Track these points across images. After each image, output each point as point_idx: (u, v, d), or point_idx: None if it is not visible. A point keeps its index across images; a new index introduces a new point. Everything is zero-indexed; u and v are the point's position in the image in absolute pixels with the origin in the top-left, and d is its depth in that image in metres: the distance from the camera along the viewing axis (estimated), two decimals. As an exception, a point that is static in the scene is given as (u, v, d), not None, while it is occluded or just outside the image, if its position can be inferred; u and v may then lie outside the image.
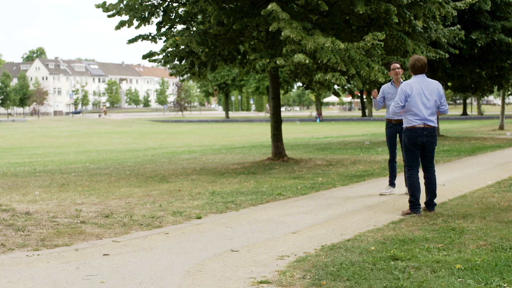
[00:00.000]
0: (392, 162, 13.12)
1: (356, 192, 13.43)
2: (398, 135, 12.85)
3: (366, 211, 10.93)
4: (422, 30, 19.98)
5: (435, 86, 10.62)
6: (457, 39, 27.21)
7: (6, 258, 7.73)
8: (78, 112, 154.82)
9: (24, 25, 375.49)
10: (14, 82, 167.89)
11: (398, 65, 12.75)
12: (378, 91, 14.30)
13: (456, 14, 19.94)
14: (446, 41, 23.33)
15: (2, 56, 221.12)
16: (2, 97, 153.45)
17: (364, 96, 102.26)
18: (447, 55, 21.28)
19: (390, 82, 12.96)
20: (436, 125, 10.80)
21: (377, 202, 11.99)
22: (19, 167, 21.96)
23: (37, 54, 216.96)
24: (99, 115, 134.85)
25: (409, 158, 10.76)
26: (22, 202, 12.28)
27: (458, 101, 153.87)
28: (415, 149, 10.60)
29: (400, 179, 13.26)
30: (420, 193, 10.61)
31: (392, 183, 13.11)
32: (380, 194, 12.88)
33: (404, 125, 10.64)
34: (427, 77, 10.72)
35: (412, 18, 18.65)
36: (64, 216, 10.57)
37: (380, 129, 48.11)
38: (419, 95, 10.44)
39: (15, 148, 39.60)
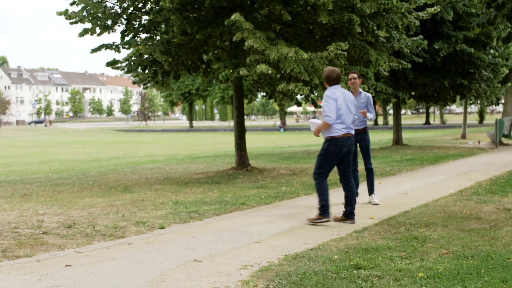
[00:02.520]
0: (354, 171, 13.15)
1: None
2: (358, 144, 12.94)
3: (329, 220, 10.96)
4: (385, 40, 20.14)
5: (351, 96, 11.11)
6: (420, 49, 27.43)
7: (-34, 269, 7.64)
8: (41, 122, 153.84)
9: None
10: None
11: (355, 75, 12.83)
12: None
13: (418, 24, 20.14)
14: (409, 50, 23.50)
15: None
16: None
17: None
18: (409, 65, 21.45)
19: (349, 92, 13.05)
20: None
21: (341, 211, 11.97)
22: (-19, 177, 21.76)
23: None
24: (45, 125, 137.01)
25: (325, 166, 10.86)
26: (-17, 212, 12.16)
27: (421, 111, 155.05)
28: (337, 158, 10.81)
29: (363, 188, 13.32)
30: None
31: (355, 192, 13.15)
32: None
33: (329, 135, 10.67)
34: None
35: (375, 28, 18.78)
36: (26, 226, 10.47)
37: (343, 138, 48.23)
38: (344, 104, 10.73)
39: (-24, 158, 39.22)
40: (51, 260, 8.12)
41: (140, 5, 19.63)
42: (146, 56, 18.94)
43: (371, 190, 13.00)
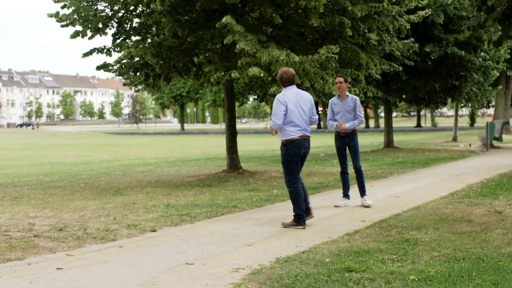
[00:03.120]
0: (344, 174, 13.19)
1: (311, 204, 13.43)
2: (347, 147, 13.00)
3: (321, 223, 10.97)
4: (376, 43, 20.16)
5: (308, 97, 10.92)
6: (411, 51, 27.49)
7: (-43, 272, 7.62)
8: (29, 124, 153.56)
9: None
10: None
11: (341, 79, 12.90)
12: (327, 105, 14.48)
13: (409, 27, 20.18)
14: (400, 53, 23.55)
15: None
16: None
17: (320, 109, 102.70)
18: (400, 68, 21.50)
19: (336, 96, 13.11)
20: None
21: (332, 214, 12.03)
22: (-29, 180, 21.70)
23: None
24: (32, 128, 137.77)
25: (293, 171, 10.69)
26: (-26, 215, 12.13)
27: (412, 113, 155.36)
28: (298, 160, 10.70)
29: (355, 190, 13.34)
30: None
31: (346, 195, 13.18)
32: (335, 206, 12.94)
33: (284, 138, 10.62)
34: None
35: (366, 31, 18.82)
36: (17, 229, 10.45)
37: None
38: (296, 106, 10.64)
39: (-33, 161, 39.13)
40: (43, 263, 8.10)
41: (131, 8, 19.62)
42: (137, 58, 18.94)
43: (362, 192, 13.02)
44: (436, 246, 8.52)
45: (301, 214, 10.58)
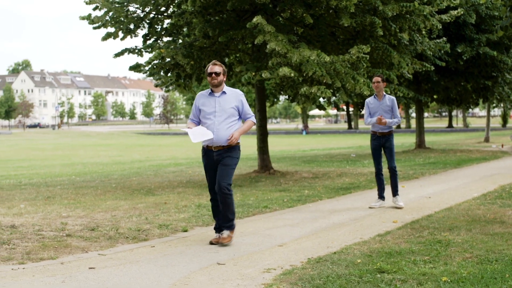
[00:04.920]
0: (379, 175, 13.12)
1: (342, 204, 13.43)
2: (383, 147, 12.93)
3: (352, 224, 10.93)
4: (407, 43, 20.06)
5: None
6: (442, 52, 27.33)
7: (-9, 271, 7.69)
8: (37, 126, 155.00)
9: (9, 38, 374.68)
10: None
11: (379, 78, 12.82)
12: (363, 105, 14.40)
13: (441, 27, 20.05)
14: (431, 53, 23.42)
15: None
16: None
17: (351, 109, 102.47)
18: (432, 68, 21.37)
19: (373, 96, 13.05)
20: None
21: (364, 214, 11.99)
22: (4, 180, 21.88)
23: (22, 67, 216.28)
24: (53, 128, 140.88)
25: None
26: (7, 215, 12.22)
27: (443, 114, 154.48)
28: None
29: (387, 190, 13.26)
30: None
31: (381, 196, 13.12)
32: (370, 207, 12.89)
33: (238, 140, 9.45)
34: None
35: (398, 30, 18.73)
36: (50, 229, 10.52)
37: (366, 142, 48.18)
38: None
39: (0, 161, 39.43)
40: (75, 262, 8.15)
41: (163, 9, 19.72)
42: (168, 59, 19.00)
43: (395, 192, 12.94)
44: (469, 248, 8.47)
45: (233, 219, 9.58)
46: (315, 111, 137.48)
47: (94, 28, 19.31)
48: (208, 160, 9.47)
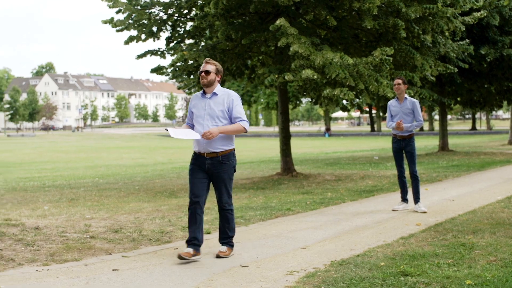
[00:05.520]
0: (401, 178, 13.08)
1: (366, 207, 13.41)
2: (403, 151, 12.88)
3: (375, 227, 10.91)
4: (430, 45, 19.97)
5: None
6: (466, 54, 27.19)
7: (15, 273, 7.73)
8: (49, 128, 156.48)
9: (33, 40, 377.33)
10: (23, 97, 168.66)
11: (400, 81, 12.78)
12: (385, 108, 14.35)
13: (464, 29, 19.94)
14: (455, 55, 23.32)
15: (11, 71, 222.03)
16: (12, 112, 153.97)
17: (373, 111, 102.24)
18: (456, 70, 21.25)
19: (395, 98, 13.01)
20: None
21: (387, 217, 11.97)
22: (29, 182, 22.01)
23: (46, 69, 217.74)
24: (73, 131, 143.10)
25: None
26: (31, 217, 12.29)
27: (467, 116, 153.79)
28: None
29: (410, 195, 13.20)
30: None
31: (404, 199, 13.07)
32: (393, 210, 12.85)
33: (232, 146, 8.84)
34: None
35: (421, 32, 18.66)
36: (74, 231, 10.57)
37: (388, 144, 47.92)
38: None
39: (24, 163, 39.65)
40: (99, 264, 8.18)
41: (185, 11, 19.75)
42: (191, 61, 19.03)
43: (416, 199, 12.85)
44: (493, 251, 8.42)
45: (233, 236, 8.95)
46: (338, 114, 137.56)
47: (117, 31, 19.40)
48: (199, 165, 8.69)
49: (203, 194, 8.80)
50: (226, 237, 8.80)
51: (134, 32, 19.55)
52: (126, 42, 19.64)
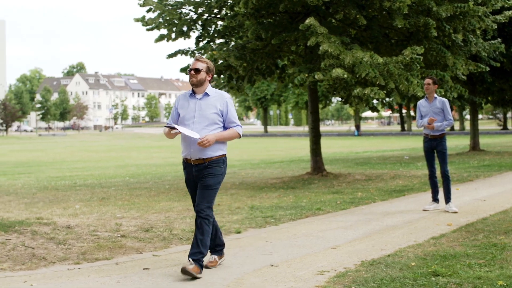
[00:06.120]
0: (432, 178, 13.01)
1: (396, 207, 13.36)
2: (435, 150, 12.80)
3: (406, 226, 10.86)
4: (462, 44, 19.84)
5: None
6: (497, 52, 26.99)
7: (47, 271, 7.79)
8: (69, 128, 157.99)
9: (64, 41, 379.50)
10: (54, 96, 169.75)
11: (430, 80, 12.71)
12: (416, 107, 14.27)
13: (496, 27, 19.79)
14: (486, 54, 23.15)
15: (42, 71, 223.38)
16: (43, 111, 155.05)
17: (404, 111, 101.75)
18: (487, 69, 21.08)
19: (425, 98, 12.95)
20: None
21: (417, 217, 11.91)
22: (60, 181, 22.14)
23: (77, 69, 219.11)
24: (100, 130, 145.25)
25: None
26: (63, 215, 12.39)
27: (498, 115, 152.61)
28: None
29: (441, 194, 13.12)
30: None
31: (435, 199, 13.00)
32: (423, 210, 12.78)
33: (224, 152, 8.01)
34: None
35: (452, 31, 18.55)
36: (105, 230, 10.63)
37: (419, 144, 47.74)
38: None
39: (55, 162, 39.93)
40: (130, 263, 8.22)
41: (215, 11, 19.79)
42: (221, 61, 19.06)
43: (447, 199, 12.77)
44: (525, 251, 8.36)
45: (223, 245, 8.35)
46: (368, 113, 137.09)
47: (148, 30, 19.48)
48: (188, 174, 8.05)
49: None
50: (196, 252, 7.59)
51: (164, 31, 19.65)
52: (157, 40, 19.73)
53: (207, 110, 7.81)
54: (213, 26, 20.50)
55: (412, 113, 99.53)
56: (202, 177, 7.84)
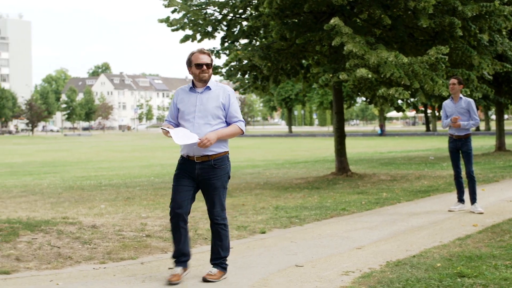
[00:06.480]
0: (457, 178, 12.95)
1: (421, 207, 13.31)
2: (460, 151, 12.74)
3: (431, 227, 10.82)
4: (487, 44, 19.72)
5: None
6: (523, 52, 26.80)
7: (73, 270, 7.84)
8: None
9: (89, 41, 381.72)
10: (80, 96, 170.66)
11: (455, 81, 12.65)
12: (441, 107, 14.20)
13: (522, 27, 19.66)
14: (512, 54, 23.00)
15: (68, 71, 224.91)
16: (69, 111, 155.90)
17: (429, 111, 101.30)
18: (514, 69, 20.95)
19: (450, 98, 12.90)
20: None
21: (443, 218, 11.86)
22: (85, 181, 22.25)
23: (102, 69, 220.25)
24: (123, 130, 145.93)
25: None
26: (88, 215, 12.45)
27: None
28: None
29: (467, 195, 13.06)
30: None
31: (461, 200, 12.94)
32: (449, 210, 12.73)
33: (227, 149, 7.59)
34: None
35: (477, 31, 18.45)
36: (130, 229, 10.67)
37: (444, 144, 47.54)
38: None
39: (81, 162, 40.13)
40: (155, 262, 8.26)
41: (240, 11, 19.80)
42: (245, 61, 19.07)
43: (473, 200, 12.70)
44: (552, 252, 8.30)
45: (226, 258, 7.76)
46: (393, 113, 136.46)
47: (173, 30, 19.52)
48: (187, 170, 7.50)
49: (187, 204, 7.52)
50: (218, 258, 7.56)
51: (189, 32, 19.68)
52: (182, 41, 19.77)
53: (209, 104, 7.38)
54: (238, 26, 20.51)
55: (437, 113, 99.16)
56: (208, 178, 7.43)
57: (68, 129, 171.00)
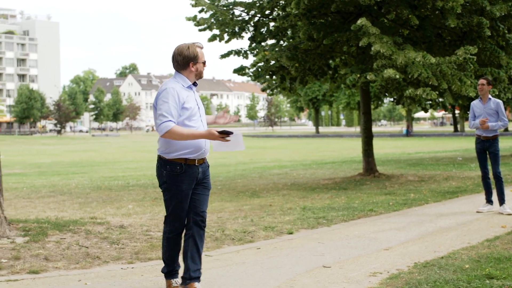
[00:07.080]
0: (485, 179, 12.88)
1: (449, 208, 13.24)
2: (487, 152, 12.66)
3: (459, 228, 10.76)
4: (516, 44, 19.58)
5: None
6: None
7: (101, 270, 7.88)
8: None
9: (117, 42, 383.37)
10: (107, 97, 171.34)
11: (484, 81, 12.57)
12: (469, 107, 14.11)
13: (552, 27, 19.50)
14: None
15: (96, 72, 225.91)
16: (96, 112, 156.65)
17: (457, 111, 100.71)
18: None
19: (478, 99, 12.81)
20: None
21: (471, 219, 11.79)
22: (113, 181, 22.35)
23: (129, 70, 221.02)
24: (147, 131, 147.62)
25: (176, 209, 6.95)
26: (116, 215, 12.51)
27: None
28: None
29: (495, 196, 12.97)
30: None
31: (489, 201, 12.86)
32: (477, 212, 12.65)
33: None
34: None
35: (506, 31, 18.32)
36: (157, 229, 10.71)
37: (472, 145, 47.18)
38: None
39: (108, 162, 40.30)
40: (182, 263, 8.26)
41: (267, 12, 19.79)
42: (273, 62, 19.08)
43: (501, 200, 12.62)
44: None
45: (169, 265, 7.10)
46: (420, 114, 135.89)
47: (200, 30, 19.57)
48: (190, 179, 6.79)
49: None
50: (195, 268, 6.83)
51: (216, 31, 19.70)
52: (210, 40, 19.80)
53: (200, 102, 6.89)
54: (265, 27, 20.50)
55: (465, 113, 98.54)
56: (205, 180, 6.98)
57: (95, 129, 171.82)
